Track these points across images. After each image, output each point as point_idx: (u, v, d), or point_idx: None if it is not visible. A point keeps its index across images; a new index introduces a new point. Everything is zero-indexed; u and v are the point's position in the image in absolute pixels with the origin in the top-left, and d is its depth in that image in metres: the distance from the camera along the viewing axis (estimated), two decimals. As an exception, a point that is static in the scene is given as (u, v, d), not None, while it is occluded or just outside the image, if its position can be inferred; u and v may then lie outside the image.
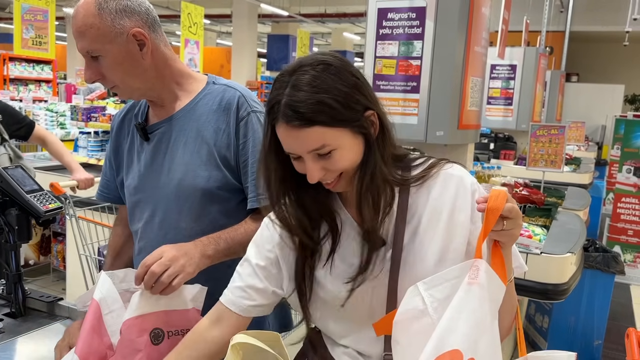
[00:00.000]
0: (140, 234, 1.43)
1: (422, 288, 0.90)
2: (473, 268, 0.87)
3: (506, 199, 0.86)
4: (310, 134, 0.92)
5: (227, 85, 1.42)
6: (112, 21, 1.25)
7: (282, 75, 0.96)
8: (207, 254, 1.26)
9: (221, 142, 1.35)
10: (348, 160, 0.96)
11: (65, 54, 18.14)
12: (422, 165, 1.04)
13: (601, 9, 10.56)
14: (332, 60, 0.96)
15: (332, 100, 0.92)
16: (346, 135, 0.94)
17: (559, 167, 3.48)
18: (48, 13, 7.46)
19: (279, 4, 14.87)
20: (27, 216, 1.38)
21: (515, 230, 0.89)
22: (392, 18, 3.04)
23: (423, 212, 1.01)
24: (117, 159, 1.50)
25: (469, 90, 3.04)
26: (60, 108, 7.10)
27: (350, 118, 0.94)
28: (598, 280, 3.27)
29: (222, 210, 1.37)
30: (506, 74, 6.20)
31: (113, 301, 1.18)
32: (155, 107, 1.42)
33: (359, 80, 0.97)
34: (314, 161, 0.95)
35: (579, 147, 7.82)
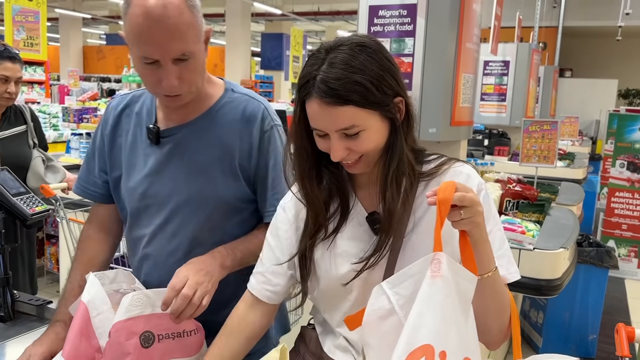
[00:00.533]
0: (148, 241, 1.36)
1: (386, 287, 0.91)
2: (434, 261, 0.86)
3: (454, 189, 0.87)
4: (342, 113, 0.94)
5: (248, 95, 1.36)
6: (201, 18, 1.18)
7: (318, 52, 0.98)
8: (226, 265, 1.26)
9: (243, 153, 1.31)
10: (373, 143, 0.99)
11: (57, 55, 18.08)
12: (435, 161, 1.07)
13: (594, 4, 10.58)
14: (369, 42, 0.98)
15: (367, 82, 0.94)
16: (375, 118, 0.97)
17: (552, 162, 3.49)
18: (39, 14, 7.42)
19: (273, 2, 14.84)
20: (13, 219, 1.36)
21: (475, 217, 0.89)
22: (383, 15, 3.04)
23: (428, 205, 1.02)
24: (112, 156, 1.40)
25: (461, 86, 3.04)
26: (52, 110, 7.06)
27: (381, 101, 0.96)
28: (592, 275, 3.28)
29: (238, 221, 1.34)
30: (499, 70, 6.20)
31: (101, 303, 1.17)
32: (171, 110, 1.32)
33: (393, 66, 0.99)
34: (339, 140, 0.98)
35: (573, 142, 7.83)
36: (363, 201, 1.09)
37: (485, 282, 0.93)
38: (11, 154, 2.55)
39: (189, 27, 1.14)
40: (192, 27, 1.14)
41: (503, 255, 1.03)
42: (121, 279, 1.31)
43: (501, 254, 1.02)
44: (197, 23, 1.16)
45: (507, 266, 1.03)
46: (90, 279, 1.19)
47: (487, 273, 0.94)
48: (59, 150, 5.91)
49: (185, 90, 1.21)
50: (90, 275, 1.20)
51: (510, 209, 2.98)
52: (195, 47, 1.17)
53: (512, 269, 1.04)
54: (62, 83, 11.17)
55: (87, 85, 11.06)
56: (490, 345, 1.02)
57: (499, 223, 1.06)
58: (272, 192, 1.33)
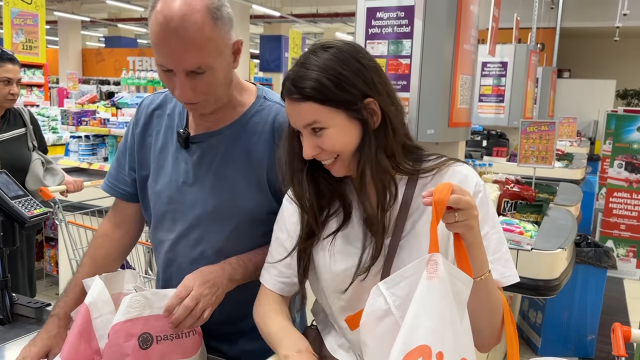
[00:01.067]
0: (170, 246, 1.35)
1: (383, 288, 0.91)
2: (431, 262, 0.87)
3: (451, 191, 0.87)
4: (304, 109, 0.99)
5: (280, 104, 1.31)
6: (226, 33, 1.13)
7: (301, 56, 1.04)
8: (235, 278, 1.24)
9: (271, 165, 1.26)
10: (339, 142, 1.01)
11: (57, 58, 18.08)
12: (434, 160, 1.08)
13: (591, 5, 10.61)
14: (342, 45, 1.02)
15: (327, 80, 0.98)
16: (339, 117, 0.99)
17: (550, 163, 3.49)
18: (38, 17, 7.42)
19: (271, 4, 14.86)
20: (12, 222, 1.36)
21: (470, 221, 0.89)
22: (380, 17, 3.05)
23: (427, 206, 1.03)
24: (141, 155, 1.37)
25: (459, 88, 3.05)
26: (51, 112, 7.08)
27: (344, 100, 0.98)
28: (590, 275, 3.28)
29: (264, 232, 1.29)
30: (497, 71, 6.21)
31: (104, 304, 1.17)
32: (202, 116, 1.29)
33: (364, 67, 1.01)
34: (309, 137, 1.02)
35: (571, 143, 7.84)
36: (362, 203, 1.09)
37: (477, 285, 0.93)
38: (10, 156, 2.56)
39: (208, 42, 1.09)
40: (212, 42, 1.10)
41: (500, 258, 1.02)
42: (129, 279, 1.30)
43: (497, 257, 1.01)
44: (219, 37, 1.11)
45: (503, 270, 1.02)
46: (95, 281, 1.18)
47: (480, 277, 0.94)
48: (58, 153, 5.91)
49: (200, 99, 1.17)
50: (96, 278, 1.19)
51: (509, 210, 2.98)
52: (213, 60, 1.12)
53: (508, 273, 1.03)
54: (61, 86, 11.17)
55: (86, 88, 11.07)
56: (481, 348, 1.02)
57: (497, 225, 1.05)
58: None
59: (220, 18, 1.11)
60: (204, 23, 1.08)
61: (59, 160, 4.59)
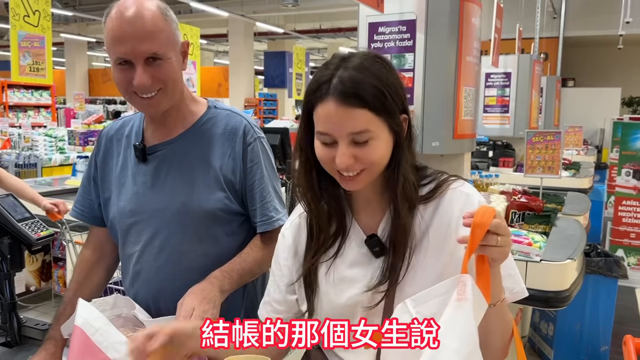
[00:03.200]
0: (137, 258, 1.39)
1: (410, 305, 0.89)
2: (460, 284, 0.86)
3: (494, 216, 0.85)
4: (358, 115, 0.93)
5: (230, 110, 1.43)
6: (174, 29, 1.28)
7: (330, 62, 0.98)
8: (224, 289, 1.29)
9: (227, 166, 1.35)
10: (379, 154, 0.97)
11: (63, 79, 18.29)
12: (431, 183, 1.05)
13: (594, 14, 10.62)
14: (382, 56, 0.99)
15: (386, 89, 0.94)
16: (385, 129, 0.96)
17: (557, 173, 3.48)
18: (45, 40, 7.52)
19: (275, 21, 14.99)
20: (19, 245, 1.37)
21: (507, 248, 0.88)
22: (382, 32, 3.07)
23: (429, 225, 1.02)
24: (103, 178, 1.45)
25: (463, 100, 3.05)
26: (58, 133, 7.13)
27: (393, 112, 0.96)
28: (601, 285, 3.24)
29: (227, 231, 1.38)
30: (501, 82, 6.21)
31: (96, 320, 1.17)
32: (156, 127, 1.39)
33: (401, 83, 1.00)
34: (347, 146, 0.95)
35: (578, 152, 7.81)
36: (361, 223, 1.07)
37: (492, 310, 0.92)
38: None
39: (161, 32, 1.23)
40: (164, 33, 1.23)
41: (507, 274, 1.01)
42: (121, 304, 1.32)
43: (505, 274, 0.99)
44: (170, 31, 1.25)
45: (511, 286, 1.02)
46: (79, 304, 1.19)
47: (497, 302, 0.93)
48: (65, 174, 5.95)
49: (157, 88, 1.25)
50: (80, 300, 1.20)
51: (516, 221, 2.96)
52: (167, 50, 1.24)
53: (516, 289, 1.02)
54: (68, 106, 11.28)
55: (92, 108, 11.16)
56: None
57: None
58: (260, 202, 1.37)
59: (168, 15, 1.26)
60: (155, 15, 1.23)
61: (66, 180, 4.62)
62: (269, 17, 14.68)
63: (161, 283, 1.31)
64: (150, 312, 1.35)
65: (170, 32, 1.26)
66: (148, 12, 1.22)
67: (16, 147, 6.95)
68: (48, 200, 2.61)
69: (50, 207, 2.47)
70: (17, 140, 7.04)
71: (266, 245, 1.38)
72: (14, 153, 6.55)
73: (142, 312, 1.31)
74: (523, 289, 1.04)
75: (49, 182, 4.94)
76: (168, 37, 1.25)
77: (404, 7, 3.00)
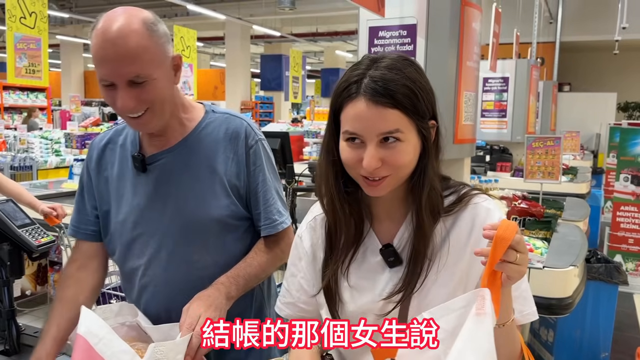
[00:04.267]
0: (144, 271, 1.34)
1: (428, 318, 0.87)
2: (479, 298, 0.83)
3: (516, 231, 0.83)
4: (390, 115, 0.91)
5: (229, 114, 1.38)
6: (162, 45, 1.20)
7: (360, 62, 0.96)
8: (231, 295, 1.26)
9: (231, 171, 1.32)
10: (407, 158, 0.94)
11: (59, 81, 18.22)
12: (452, 194, 1.03)
13: (590, 19, 10.67)
14: (412, 59, 0.98)
15: (418, 90, 0.92)
16: (414, 132, 0.94)
17: (557, 178, 3.47)
18: (41, 41, 7.48)
19: (271, 24, 14.99)
20: (19, 251, 1.34)
21: (524, 267, 0.86)
22: (383, 36, 3.06)
23: (448, 238, 1.00)
24: (99, 191, 1.38)
25: (463, 104, 3.04)
26: (54, 135, 7.09)
27: (423, 115, 0.94)
28: (602, 292, 3.24)
29: (234, 238, 1.34)
30: (499, 87, 6.22)
31: (99, 329, 1.14)
32: (153, 137, 1.33)
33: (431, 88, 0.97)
34: (376, 148, 0.92)
35: (575, 157, 7.83)
36: (377, 232, 1.06)
37: (498, 330, 0.89)
38: None
39: (144, 51, 1.15)
40: (148, 51, 1.16)
41: (519, 296, 0.99)
42: (126, 311, 1.29)
43: (517, 295, 0.98)
44: (155, 48, 1.17)
45: (522, 307, 0.99)
46: (82, 311, 1.17)
47: (505, 322, 0.91)
48: (61, 176, 5.91)
49: (143, 109, 1.20)
50: (83, 308, 1.17)
51: (517, 227, 2.95)
52: (152, 71, 1.17)
53: (526, 310, 1.00)
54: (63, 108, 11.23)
55: (88, 110, 11.12)
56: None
57: None
58: (264, 206, 1.34)
59: (155, 31, 1.18)
60: (139, 33, 1.15)
61: (62, 183, 4.58)
62: (265, 20, 14.68)
63: (172, 295, 1.28)
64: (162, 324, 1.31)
65: (157, 49, 1.18)
66: (131, 30, 1.14)
67: (11, 150, 6.91)
68: (46, 204, 2.57)
69: (49, 211, 2.44)
70: (12, 142, 6.99)
71: (270, 249, 1.36)
72: (9, 155, 6.50)
73: (144, 319, 1.29)
74: (534, 311, 1.01)
75: (44, 185, 4.90)
76: (153, 56, 1.17)
77: (405, 11, 2.99)
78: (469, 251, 0.98)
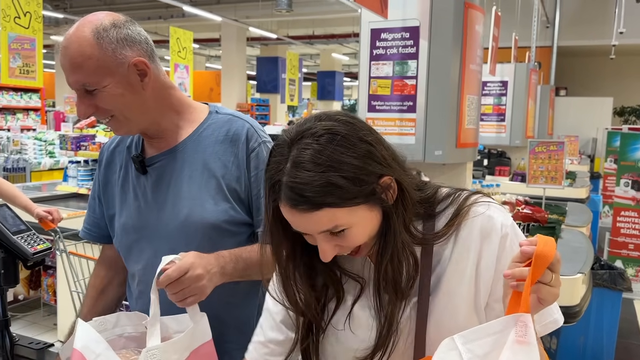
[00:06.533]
0: (140, 277, 1.31)
1: (459, 342, 0.80)
2: (520, 324, 0.76)
3: (555, 247, 0.76)
4: (320, 217, 0.83)
5: (232, 115, 1.34)
6: (112, 51, 1.15)
7: (280, 147, 0.86)
8: (226, 271, 1.21)
9: (230, 175, 1.27)
10: (363, 236, 0.88)
11: (53, 82, 18.09)
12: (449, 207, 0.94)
13: (587, 23, 10.70)
14: (338, 127, 0.84)
15: (341, 179, 0.81)
16: (360, 211, 0.85)
17: (560, 183, 3.44)
18: (35, 42, 7.40)
19: (268, 27, 14.95)
20: (14, 259, 1.28)
21: (558, 289, 0.79)
22: (385, 38, 3.02)
23: (449, 256, 0.92)
24: (106, 195, 1.39)
25: (466, 108, 3.01)
26: (49, 137, 7.01)
27: (363, 193, 0.84)
28: (605, 299, 3.20)
29: (234, 244, 1.27)
30: (498, 91, 6.21)
31: (96, 345, 1.10)
32: (151, 139, 1.32)
33: (371, 146, 0.86)
34: (326, 240, 0.87)
35: (572, 161, 7.82)
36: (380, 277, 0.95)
37: None
38: None
39: (88, 60, 1.14)
40: (91, 60, 1.14)
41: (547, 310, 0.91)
42: (124, 322, 1.25)
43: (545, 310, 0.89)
44: (101, 56, 1.15)
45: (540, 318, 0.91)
46: (79, 324, 1.13)
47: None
48: (55, 178, 5.83)
49: (104, 118, 1.21)
50: (79, 321, 1.14)
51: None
52: (99, 79, 1.15)
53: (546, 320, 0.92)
54: (57, 109, 11.13)
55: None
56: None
57: None
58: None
59: (104, 37, 1.15)
60: (83, 42, 1.14)
61: (57, 185, 4.51)
62: (262, 23, 14.63)
63: (166, 305, 1.22)
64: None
65: (104, 57, 1.15)
66: (77, 38, 1.14)
67: (5, 151, 6.82)
68: (42, 208, 2.50)
69: (44, 215, 2.37)
70: (5, 143, 6.90)
71: None
72: (2, 156, 6.42)
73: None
74: (556, 319, 0.93)
75: (38, 187, 4.82)
76: (99, 64, 1.14)
77: (408, 13, 2.95)
78: (472, 265, 0.90)
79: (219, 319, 1.25)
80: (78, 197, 4.21)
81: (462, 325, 0.86)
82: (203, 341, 1.17)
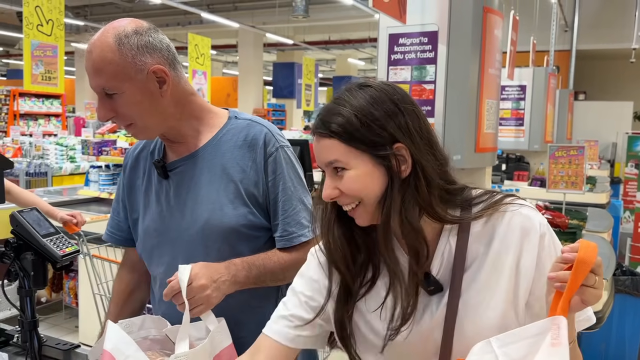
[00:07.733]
0: (161, 280, 1.34)
1: (495, 345, 0.80)
2: (554, 326, 0.77)
3: (597, 252, 0.78)
4: (327, 145, 0.92)
5: (251, 120, 1.36)
6: (132, 57, 1.18)
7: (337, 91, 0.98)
8: (238, 279, 1.23)
9: (248, 180, 1.29)
10: (359, 187, 0.91)
11: (73, 88, 18.38)
12: (486, 201, 0.95)
13: (606, 27, 10.57)
14: (379, 85, 0.94)
15: (355, 118, 0.90)
16: (363, 160, 0.91)
17: (580, 188, 3.41)
18: (57, 49, 7.53)
19: (284, 32, 15.02)
20: (43, 261, 1.31)
21: (601, 291, 0.81)
22: (403, 43, 3.03)
23: (486, 255, 0.92)
24: (130, 199, 1.42)
25: (485, 113, 3.00)
26: (70, 142, 7.13)
27: (370, 142, 0.90)
28: (628, 305, 3.16)
29: (251, 248, 1.30)
30: (516, 95, 6.17)
31: (126, 346, 1.12)
32: (173, 145, 1.34)
33: (399, 110, 0.91)
34: (330, 177, 0.94)
35: (592, 166, 7.73)
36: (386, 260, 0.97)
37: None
38: None
39: (108, 65, 1.17)
40: (112, 65, 1.17)
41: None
42: (149, 324, 1.27)
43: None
44: (123, 62, 1.18)
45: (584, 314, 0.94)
46: (109, 326, 1.15)
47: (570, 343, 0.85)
48: (76, 183, 5.92)
49: (124, 124, 1.24)
50: (109, 323, 1.16)
51: (541, 238, 2.89)
52: (118, 84, 1.18)
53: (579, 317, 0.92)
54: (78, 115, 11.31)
55: (102, 117, 11.18)
56: None
57: None
58: (282, 216, 1.30)
59: (125, 44, 1.18)
60: (105, 47, 1.17)
61: (78, 190, 4.58)
62: (278, 29, 14.71)
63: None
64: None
65: (124, 63, 1.18)
66: (100, 45, 1.18)
67: (27, 156, 6.94)
68: (65, 212, 2.54)
69: (69, 219, 2.41)
70: (28, 148, 7.03)
71: (289, 254, 1.31)
72: (24, 162, 6.54)
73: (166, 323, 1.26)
74: (589, 316, 0.95)
75: (59, 192, 4.90)
76: (118, 69, 1.18)
77: (426, 18, 2.95)
78: (511, 266, 0.90)
79: (239, 323, 1.27)
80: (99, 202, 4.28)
81: (499, 322, 0.87)
82: (224, 346, 1.19)
